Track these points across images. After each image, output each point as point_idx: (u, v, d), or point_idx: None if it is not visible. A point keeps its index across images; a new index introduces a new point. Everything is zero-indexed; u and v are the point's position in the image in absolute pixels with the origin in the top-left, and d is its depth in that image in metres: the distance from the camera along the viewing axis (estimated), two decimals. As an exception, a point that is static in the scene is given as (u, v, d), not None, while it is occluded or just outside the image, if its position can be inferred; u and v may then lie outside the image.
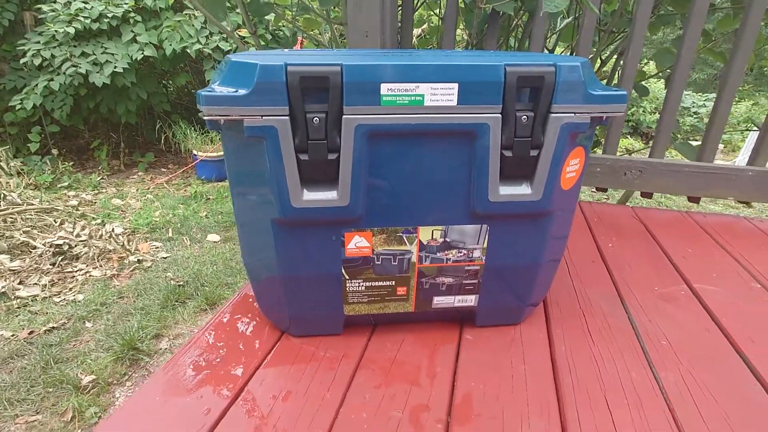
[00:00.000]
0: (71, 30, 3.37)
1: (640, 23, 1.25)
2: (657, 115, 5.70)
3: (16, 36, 3.59)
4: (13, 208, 2.85)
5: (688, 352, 0.83)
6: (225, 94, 0.64)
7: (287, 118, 0.66)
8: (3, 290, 2.36)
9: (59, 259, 2.63)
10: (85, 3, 3.48)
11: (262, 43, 3.42)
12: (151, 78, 3.89)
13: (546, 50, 1.65)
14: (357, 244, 0.76)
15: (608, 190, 1.52)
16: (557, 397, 0.74)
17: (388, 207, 0.74)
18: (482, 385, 0.76)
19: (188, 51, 3.54)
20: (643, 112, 5.85)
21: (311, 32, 2.15)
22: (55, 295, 2.45)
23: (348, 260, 0.77)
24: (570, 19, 1.11)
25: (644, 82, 1.86)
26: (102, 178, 3.74)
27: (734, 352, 0.84)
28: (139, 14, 3.59)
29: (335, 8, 1.78)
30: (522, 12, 1.43)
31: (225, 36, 3.57)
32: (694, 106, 5.76)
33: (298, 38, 2.74)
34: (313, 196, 0.71)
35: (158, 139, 4.16)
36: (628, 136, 5.81)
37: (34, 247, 2.65)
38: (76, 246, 2.72)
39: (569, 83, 0.68)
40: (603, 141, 1.44)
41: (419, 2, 1.62)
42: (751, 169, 1.32)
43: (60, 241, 2.69)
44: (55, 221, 2.90)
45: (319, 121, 0.66)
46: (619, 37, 1.65)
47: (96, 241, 2.77)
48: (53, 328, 2.23)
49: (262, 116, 0.65)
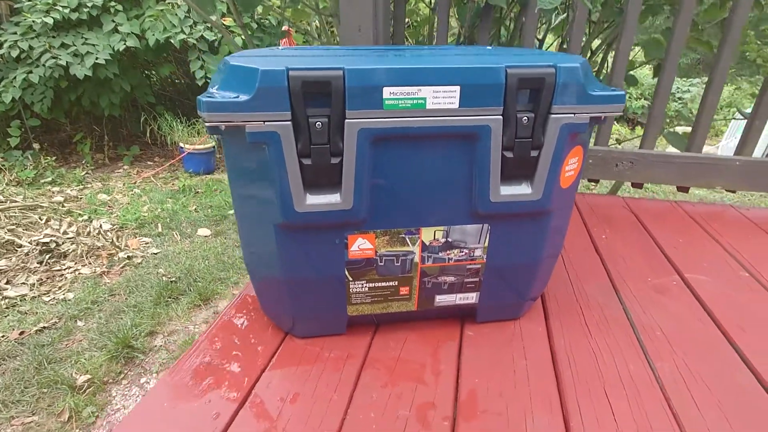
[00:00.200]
0: (49, 20, 3.28)
1: (632, 15, 1.26)
2: (643, 100, 5.76)
3: (-9, 27, 3.48)
4: (-4, 206, 2.79)
5: (681, 343, 0.86)
6: (226, 100, 0.63)
7: (289, 123, 0.65)
8: (-9, 290, 2.32)
9: (46, 257, 2.59)
10: (63, -8, 3.38)
11: (249, 32, 3.35)
12: (134, 69, 3.81)
13: (536, 41, 1.65)
14: (360, 246, 0.76)
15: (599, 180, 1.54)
16: (558, 390, 0.76)
17: (390, 209, 0.74)
18: (486, 381, 0.77)
19: (172, 41, 3.47)
20: (629, 98, 5.91)
21: (299, 23, 2.13)
22: (44, 294, 2.42)
23: (351, 262, 0.78)
24: (564, 15, 1.11)
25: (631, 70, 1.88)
26: (87, 173, 3.68)
27: (726, 342, 0.87)
28: (120, 3, 3.50)
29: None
30: (513, 3, 1.42)
31: (210, 25, 3.51)
32: (678, 92, 5.83)
33: (285, 27, 2.70)
34: (316, 200, 0.71)
35: (143, 131, 4.09)
36: (615, 122, 5.87)
37: (20, 246, 2.61)
38: (63, 243, 2.68)
39: (569, 84, 0.69)
40: (595, 133, 1.45)
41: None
42: (738, 158, 1.35)
43: (47, 239, 2.65)
44: (40, 218, 2.85)
45: (321, 125, 0.66)
46: (606, 28, 1.65)
47: (84, 238, 2.73)
48: (44, 327, 2.20)
49: (264, 122, 0.65)
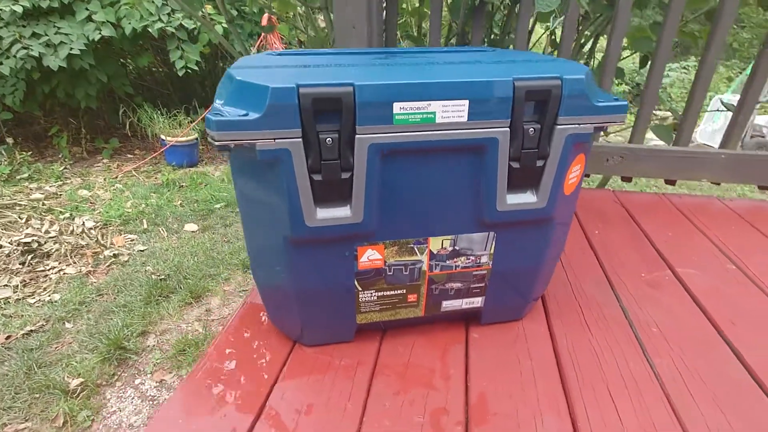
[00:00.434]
0: (18, 8, 3.14)
1: (623, 10, 1.27)
2: (624, 86, 5.83)
3: (-45, 17, 3.32)
4: (-28, 206, 2.70)
5: (677, 338, 0.89)
6: (236, 119, 0.62)
7: (300, 140, 0.65)
8: (-27, 294, 2.27)
9: (29, 257, 2.53)
10: (32, -21, 3.24)
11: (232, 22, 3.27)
12: (111, 59, 3.69)
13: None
14: (369, 257, 0.77)
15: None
16: (564, 390, 0.78)
17: (399, 220, 0.75)
18: (494, 384, 0.79)
19: (150, 30, 3.37)
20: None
21: (285, 14, 2.09)
22: (28, 296, 2.37)
23: (361, 273, 0.78)
24: (562, 17, 1.12)
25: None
26: (65, 168, 3.58)
27: (718, 336, 0.91)
28: (93, -9, 3.37)
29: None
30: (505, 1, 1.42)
31: (189, 14, 3.40)
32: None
33: (266, 16, 2.64)
34: (326, 215, 0.71)
35: (122, 123, 3.98)
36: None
37: (0, 246, 2.54)
38: (45, 243, 2.62)
39: (574, 96, 0.70)
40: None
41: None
42: (723, 152, 1.39)
43: (28, 239, 2.59)
44: (20, 217, 2.77)
45: (332, 141, 0.66)
46: (594, 21, 1.67)
47: (67, 237, 2.67)
48: (31, 331, 2.17)
49: (275, 139, 0.64)
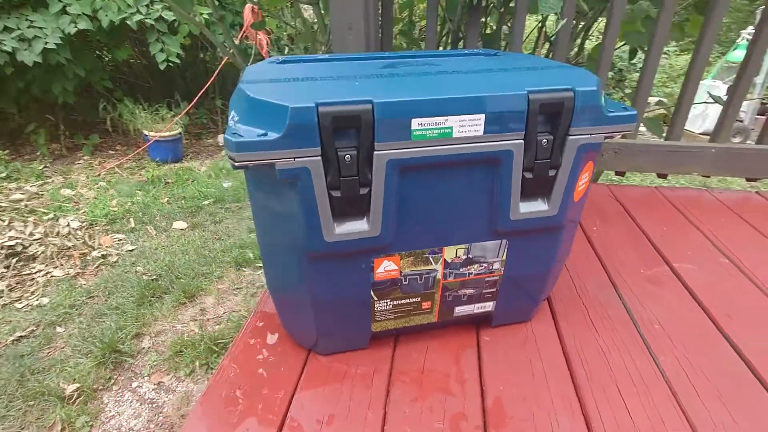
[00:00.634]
0: (-13, 2, 3.02)
1: (618, 5, 1.29)
2: (610, 73, 5.87)
3: None
4: (-49, 210, 2.62)
5: (679, 335, 0.93)
6: (256, 140, 0.62)
7: (319, 158, 0.65)
8: (-42, 301, 2.21)
9: (13, 261, 2.47)
10: (0, -30, 3.10)
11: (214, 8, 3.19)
12: (88, 53, 3.58)
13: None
14: (386, 268, 0.78)
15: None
16: (575, 390, 0.81)
17: (415, 232, 0.76)
18: (508, 387, 0.82)
19: (128, 22, 3.27)
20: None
21: (273, 9, 2.05)
22: (16, 300, 2.32)
23: (377, 283, 0.79)
24: (564, 21, 1.12)
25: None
26: (45, 166, 3.48)
27: (716, 331, 0.94)
28: (66, -18, 3.24)
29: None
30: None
31: (168, 5, 3.31)
32: (639, 62, 5.99)
33: (248, 6, 2.59)
34: (345, 229, 0.71)
35: (102, 119, 3.88)
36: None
37: (-17, 250, 2.47)
38: (30, 245, 2.56)
39: (586, 107, 0.71)
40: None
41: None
42: (713, 146, 1.43)
43: (12, 242, 2.52)
44: (1, 219, 2.70)
45: (350, 158, 0.66)
46: (585, 15, 1.68)
47: (53, 239, 2.61)
48: (21, 336, 2.13)
49: (294, 158, 0.64)
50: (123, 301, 2.30)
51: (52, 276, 2.45)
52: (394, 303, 0.83)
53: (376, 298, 0.81)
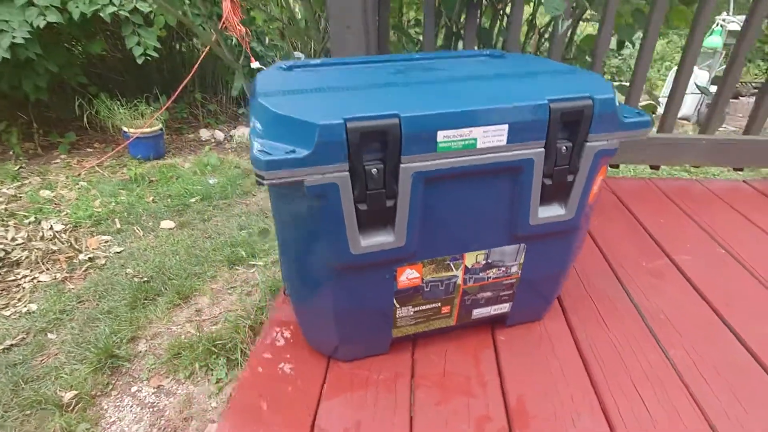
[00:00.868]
0: (-52, -5, 2.87)
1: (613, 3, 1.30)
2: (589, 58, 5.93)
3: None
4: (-75, 216, 2.52)
5: (684, 327, 0.96)
6: (286, 158, 0.61)
7: (347, 173, 0.65)
8: (-58, 312, 2.14)
9: (-4, 267, 2.39)
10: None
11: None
12: (59, 47, 3.44)
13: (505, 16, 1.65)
14: (408, 276, 0.79)
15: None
16: (593, 386, 0.84)
17: (438, 240, 0.76)
18: (529, 386, 0.84)
19: (101, 14, 3.15)
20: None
21: (256, 1, 2.01)
22: (2, 308, 2.25)
23: (399, 291, 0.80)
24: (570, 22, 1.13)
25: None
26: (21, 167, 3.36)
27: (719, 320, 0.99)
28: (32, -28, 3.10)
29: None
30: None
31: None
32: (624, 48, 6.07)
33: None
34: (370, 242, 0.72)
35: (77, 115, 3.75)
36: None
37: (-37, 258, 2.39)
38: (13, 251, 2.48)
39: (604, 114, 0.72)
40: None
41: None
42: (704, 138, 1.47)
43: (-7, 248, 2.44)
44: (-21, 225, 2.61)
45: (377, 172, 0.66)
46: (577, 7, 1.69)
47: (36, 243, 2.54)
48: (12, 345, 2.07)
49: (323, 174, 0.64)
50: (115, 304, 2.26)
51: (38, 281, 2.39)
52: (416, 309, 0.84)
53: (398, 306, 0.82)
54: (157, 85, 4.00)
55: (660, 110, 4.72)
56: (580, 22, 1.76)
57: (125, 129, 3.45)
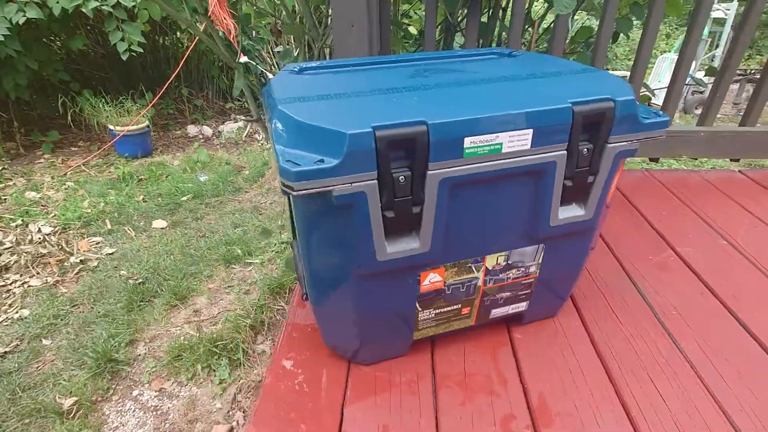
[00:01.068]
0: None
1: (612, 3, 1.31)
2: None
3: None
4: None
5: (694, 319, 0.99)
6: (315, 168, 0.61)
7: (375, 181, 0.65)
8: (-69, 321, 2.08)
9: (-15, 272, 2.34)
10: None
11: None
12: (40, 44, 3.34)
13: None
14: (431, 280, 0.79)
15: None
16: (611, 382, 0.86)
17: (461, 244, 0.77)
18: (549, 384, 0.85)
19: (83, 10, 3.06)
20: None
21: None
22: (-7, 314, 2.20)
23: (422, 295, 0.80)
24: (577, 21, 1.13)
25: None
26: (3, 168, 3.27)
27: (726, 312, 1.01)
28: (8, -34, 2.99)
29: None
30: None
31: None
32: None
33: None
34: (396, 248, 0.72)
35: (60, 113, 3.66)
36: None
37: (-50, 264, 2.33)
38: (1, 255, 2.42)
39: (625, 116, 0.73)
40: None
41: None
42: (702, 130, 1.49)
43: (-20, 253, 2.38)
44: (-36, 229, 2.54)
45: (404, 179, 0.66)
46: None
47: (25, 246, 2.48)
48: (6, 352, 2.03)
49: (351, 183, 0.63)
50: (111, 307, 2.22)
51: (29, 286, 2.34)
52: (437, 312, 0.84)
53: (420, 309, 0.82)
54: (142, 81, 3.91)
55: (654, 101, 4.78)
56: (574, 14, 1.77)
57: (111, 127, 3.38)
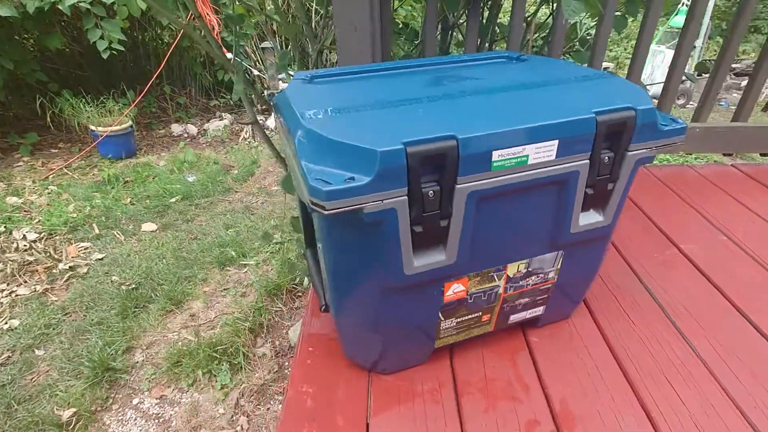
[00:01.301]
0: None
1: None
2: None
3: None
4: None
5: (704, 318, 1.01)
6: (347, 187, 0.60)
7: (406, 198, 0.64)
8: None
9: (-31, 282, 2.27)
10: None
11: None
12: (14, 43, 3.22)
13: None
14: (454, 290, 0.79)
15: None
16: (629, 384, 0.87)
17: (484, 254, 0.77)
18: (568, 387, 0.87)
19: (60, 7, 2.96)
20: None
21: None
22: (-19, 326, 2.14)
23: (445, 305, 0.80)
24: (586, 25, 1.13)
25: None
26: (-19, 173, 3.16)
27: (734, 310, 1.04)
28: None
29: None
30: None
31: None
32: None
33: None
34: (423, 261, 0.71)
35: (38, 114, 3.54)
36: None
37: (-68, 275, 2.25)
38: (-15, 264, 2.35)
39: (645, 124, 0.74)
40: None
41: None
42: (697, 125, 1.52)
43: (-37, 262, 2.31)
44: (-55, 238, 2.45)
45: (433, 194, 0.66)
46: None
47: (11, 254, 2.41)
48: (-2, 365, 1.98)
49: (383, 200, 0.63)
50: (104, 314, 2.18)
51: (17, 295, 2.28)
52: (458, 320, 0.84)
53: (442, 318, 0.82)
54: (123, 79, 3.81)
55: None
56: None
57: (93, 127, 3.29)
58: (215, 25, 3.26)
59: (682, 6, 3.95)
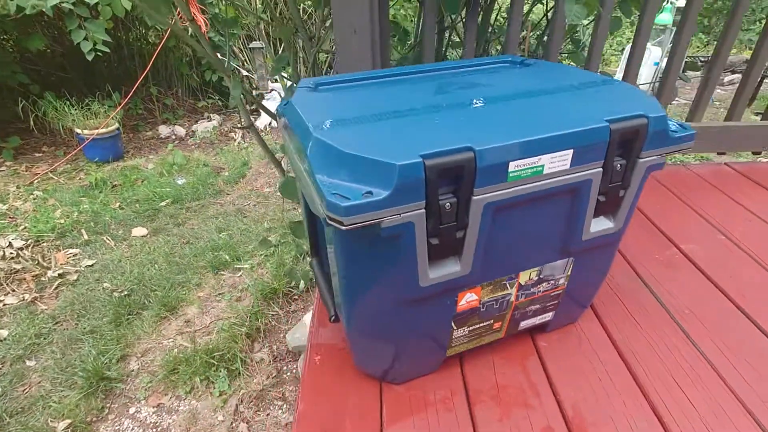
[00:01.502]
0: None
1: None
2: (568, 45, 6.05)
3: None
4: None
5: (709, 320, 1.02)
6: (365, 202, 0.59)
7: (423, 211, 0.63)
8: None
9: (-46, 293, 2.21)
10: None
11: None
12: (-6, 44, 3.13)
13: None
14: (468, 299, 0.78)
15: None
16: (639, 388, 0.88)
17: (498, 263, 0.76)
18: (579, 392, 0.87)
19: (43, 9, 2.88)
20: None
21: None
22: (-32, 337, 2.08)
23: (458, 314, 0.80)
24: (589, 31, 1.13)
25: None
26: (-38, 179, 3.07)
27: (737, 310, 1.05)
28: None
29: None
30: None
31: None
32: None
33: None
34: (438, 273, 0.71)
35: (20, 117, 3.46)
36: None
37: None
38: (-29, 273, 2.29)
39: (657, 132, 0.74)
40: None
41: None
42: (692, 125, 1.53)
43: (-52, 272, 2.24)
44: (-73, 247, 2.38)
45: (450, 206, 0.65)
46: None
47: (-3, 263, 2.35)
48: (-13, 377, 1.93)
49: (400, 214, 0.62)
50: (97, 323, 2.14)
51: (5, 304, 2.22)
52: (470, 329, 0.84)
53: (455, 327, 0.82)
54: (107, 81, 3.73)
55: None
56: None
57: (78, 130, 3.22)
58: (202, 25, 3.21)
59: (667, 3, 4.00)
